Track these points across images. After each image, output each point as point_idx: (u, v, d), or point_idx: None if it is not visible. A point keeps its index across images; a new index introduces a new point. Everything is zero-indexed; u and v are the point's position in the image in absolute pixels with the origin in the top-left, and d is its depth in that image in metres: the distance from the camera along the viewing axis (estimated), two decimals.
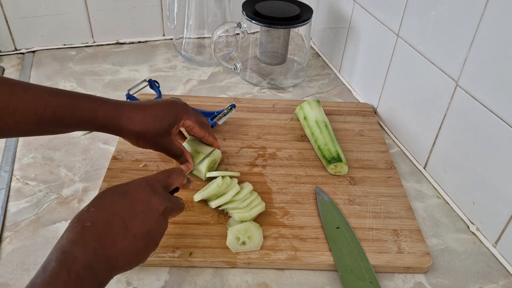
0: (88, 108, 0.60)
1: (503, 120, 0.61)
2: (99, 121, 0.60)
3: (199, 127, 0.69)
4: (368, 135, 0.85)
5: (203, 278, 0.60)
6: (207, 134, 0.71)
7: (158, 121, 0.64)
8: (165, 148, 0.67)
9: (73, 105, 0.59)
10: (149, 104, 0.66)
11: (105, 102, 0.62)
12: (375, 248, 0.63)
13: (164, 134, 0.65)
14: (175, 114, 0.66)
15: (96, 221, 0.47)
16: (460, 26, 0.67)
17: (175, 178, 0.57)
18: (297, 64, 1.06)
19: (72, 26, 1.08)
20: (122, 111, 0.62)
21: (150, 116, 0.64)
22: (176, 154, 0.68)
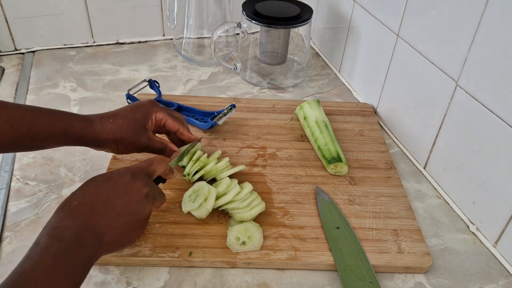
0: (63, 121, 0.62)
1: (503, 120, 0.61)
2: (75, 133, 0.62)
3: (172, 119, 0.70)
4: (368, 135, 0.85)
5: (203, 278, 0.60)
6: (181, 127, 0.71)
7: (130, 121, 0.66)
8: (146, 146, 0.67)
9: (49, 119, 0.61)
10: (118, 111, 0.68)
11: (79, 116, 0.64)
12: (375, 248, 0.63)
13: (140, 131, 0.66)
14: (144, 111, 0.68)
15: (82, 200, 0.51)
16: (460, 26, 0.67)
17: (157, 165, 0.59)
18: (297, 64, 1.06)
19: (72, 26, 1.08)
20: (95, 123, 0.64)
21: (121, 120, 0.65)
22: (160, 148, 0.68)
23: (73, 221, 0.48)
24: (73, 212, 0.49)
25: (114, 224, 0.51)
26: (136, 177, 0.55)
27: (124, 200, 0.52)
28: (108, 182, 0.54)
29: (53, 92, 0.94)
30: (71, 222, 0.48)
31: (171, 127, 0.70)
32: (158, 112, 0.69)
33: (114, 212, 0.51)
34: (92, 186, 0.53)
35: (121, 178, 0.54)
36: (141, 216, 0.54)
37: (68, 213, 0.49)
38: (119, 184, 0.53)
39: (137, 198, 0.54)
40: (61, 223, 0.48)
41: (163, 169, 0.60)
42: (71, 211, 0.49)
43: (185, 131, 0.72)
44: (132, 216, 0.53)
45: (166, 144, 0.69)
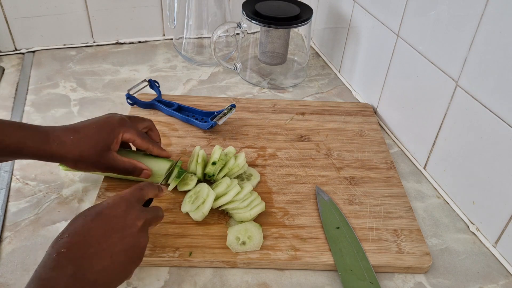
0: (16, 137, 0.59)
1: (503, 120, 0.61)
2: (29, 149, 0.59)
3: (140, 138, 0.66)
4: (368, 135, 0.85)
5: (203, 278, 0.60)
6: (151, 145, 0.68)
7: (93, 141, 0.62)
8: (110, 167, 0.64)
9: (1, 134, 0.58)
10: (82, 125, 0.63)
11: (35, 130, 0.60)
12: (375, 248, 0.63)
13: (103, 152, 0.62)
14: (110, 130, 0.63)
15: (70, 246, 0.46)
16: (460, 26, 0.67)
17: (148, 190, 0.56)
18: (297, 64, 1.06)
19: (72, 26, 1.08)
20: (52, 137, 0.60)
21: (83, 137, 0.61)
22: (127, 169, 0.65)
23: (62, 271, 0.44)
24: (62, 260, 0.45)
25: (108, 267, 0.47)
26: (129, 208, 0.51)
27: (118, 237, 0.48)
28: (99, 218, 0.49)
29: (53, 92, 0.94)
30: (60, 273, 0.44)
31: (140, 145, 0.67)
32: (126, 133, 0.64)
33: (107, 253, 0.47)
34: (81, 225, 0.48)
35: (113, 211, 0.50)
36: (137, 250, 0.50)
37: (57, 263, 0.45)
38: (111, 219, 0.49)
39: (132, 233, 0.50)
40: (50, 274, 0.44)
41: (155, 192, 0.57)
42: (60, 259, 0.45)
43: (155, 148, 0.68)
44: (128, 253, 0.49)
45: (135, 165, 0.65)
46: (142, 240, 0.51)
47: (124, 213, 0.50)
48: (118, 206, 0.51)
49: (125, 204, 0.51)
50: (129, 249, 0.49)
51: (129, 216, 0.50)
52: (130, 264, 0.50)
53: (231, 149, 0.73)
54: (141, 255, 0.51)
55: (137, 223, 0.50)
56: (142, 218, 0.51)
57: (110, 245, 0.48)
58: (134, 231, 0.50)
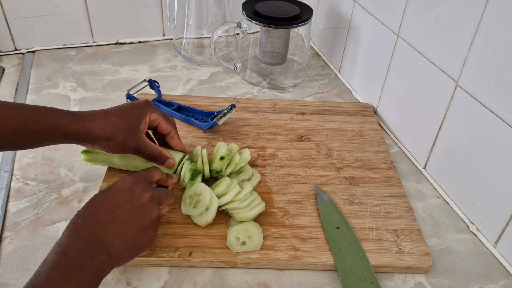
0: (51, 117, 0.61)
1: (503, 120, 0.61)
2: (64, 129, 0.61)
3: (166, 121, 0.69)
4: (368, 135, 0.85)
5: (203, 278, 0.60)
6: (174, 130, 0.70)
7: (123, 120, 0.64)
8: (138, 148, 0.65)
9: (36, 115, 0.60)
10: (111, 109, 0.66)
11: (69, 112, 0.63)
12: (375, 248, 0.63)
13: (133, 131, 0.65)
14: (138, 110, 0.67)
15: (85, 217, 0.51)
16: (460, 26, 0.67)
17: (154, 172, 0.60)
18: (297, 64, 1.06)
19: (72, 26, 1.08)
20: (86, 117, 0.63)
21: (114, 116, 0.64)
22: (153, 154, 0.67)
23: (78, 237, 0.49)
24: (78, 228, 0.50)
25: (121, 232, 0.51)
26: (136, 184, 0.55)
27: (127, 207, 0.53)
28: (109, 193, 0.54)
29: (53, 92, 0.94)
30: (76, 238, 0.48)
31: (164, 129, 0.69)
32: (153, 113, 0.67)
33: (119, 221, 0.51)
34: (94, 201, 0.53)
35: (121, 186, 0.55)
36: (148, 220, 0.54)
37: (74, 230, 0.49)
38: (120, 192, 0.54)
39: (141, 203, 0.54)
40: (67, 240, 0.48)
41: (160, 176, 0.61)
42: (76, 228, 0.50)
43: (175, 135, 0.71)
44: (138, 222, 0.53)
45: (161, 151, 0.67)
46: (152, 211, 0.55)
47: (131, 187, 0.55)
48: (126, 181, 0.56)
49: (132, 180, 0.56)
50: (139, 218, 0.53)
51: (136, 189, 0.55)
52: (143, 234, 0.53)
53: (234, 146, 0.73)
54: (154, 226, 0.55)
55: (145, 195, 0.55)
56: (150, 191, 0.56)
57: (121, 213, 0.52)
58: (143, 202, 0.54)
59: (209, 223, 0.64)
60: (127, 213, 0.52)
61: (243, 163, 0.72)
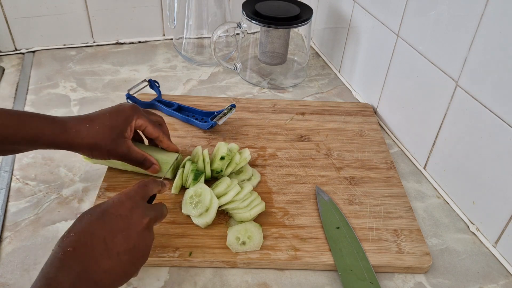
0: (34, 126, 0.59)
1: (503, 120, 0.61)
2: (47, 138, 0.60)
3: (152, 126, 0.68)
4: (368, 135, 0.85)
5: (203, 278, 0.60)
6: (161, 134, 0.69)
7: (107, 128, 0.63)
8: (123, 155, 0.64)
9: (18, 124, 0.59)
10: (96, 114, 0.64)
11: (52, 120, 0.61)
12: (375, 248, 0.63)
13: (118, 140, 0.63)
14: (124, 117, 0.65)
15: (77, 246, 0.46)
16: (460, 26, 0.67)
17: (152, 186, 0.57)
18: (297, 64, 1.06)
19: (72, 26, 1.08)
20: (69, 126, 0.61)
21: (98, 125, 0.62)
22: (138, 160, 0.66)
23: (68, 272, 0.44)
24: (68, 260, 0.45)
25: (114, 266, 0.47)
26: (134, 207, 0.51)
27: (123, 236, 0.49)
28: (105, 217, 0.49)
29: (53, 92, 0.94)
30: (66, 272, 0.44)
31: (151, 133, 0.68)
32: (139, 119, 0.66)
33: (112, 253, 0.47)
34: (87, 224, 0.48)
35: (118, 210, 0.50)
36: (142, 249, 0.51)
37: (63, 262, 0.45)
38: (117, 218, 0.49)
39: (137, 231, 0.50)
40: (56, 273, 0.44)
41: (158, 188, 0.58)
42: (66, 259, 0.45)
43: (165, 138, 0.70)
44: (133, 252, 0.49)
45: (146, 157, 0.66)
46: (147, 239, 0.51)
47: (129, 212, 0.51)
48: (123, 204, 0.51)
49: (130, 203, 0.51)
50: (134, 248, 0.49)
51: (134, 215, 0.51)
52: (135, 263, 0.50)
53: (234, 145, 0.73)
54: (147, 254, 0.52)
55: (143, 221, 0.51)
56: (148, 216, 0.52)
57: (116, 244, 0.48)
58: (140, 230, 0.50)
59: (208, 224, 0.64)
60: (123, 244, 0.48)
61: (243, 163, 0.72)
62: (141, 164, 0.67)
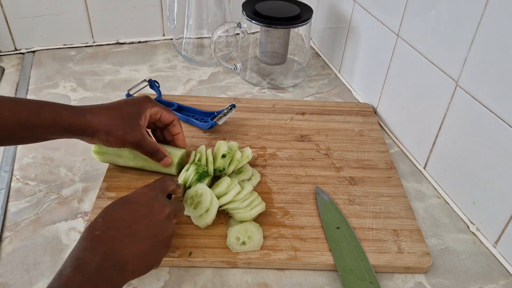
0: (52, 110, 0.62)
1: (503, 120, 0.61)
2: (64, 122, 0.62)
3: (166, 111, 0.70)
4: (368, 135, 0.85)
5: (203, 278, 0.60)
6: (176, 118, 0.71)
7: (123, 114, 0.65)
8: (138, 143, 0.66)
9: (37, 109, 0.61)
10: (112, 103, 0.67)
11: (69, 106, 0.64)
12: (375, 248, 0.63)
13: (133, 125, 0.65)
14: (139, 105, 0.67)
15: (104, 229, 0.49)
16: (460, 26, 0.67)
17: (170, 183, 0.60)
18: (297, 64, 1.06)
19: (72, 26, 1.08)
20: (86, 111, 0.64)
21: (114, 111, 0.65)
22: (151, 150, 0.67)
23: (95, 252, 0.47)
24: (95, 242, 0.48)
25: (138, 249, 0.50)
26: (155, 198, 0.54)
27: (146, 223, 0.51)
28: (128, 205, 0.53)
29: (53, 92, 0.94)
30: (93, 253, 0.47)
31: (167, 118, 0.70)
32: (154, 107, 0.68)
33: (137, 237, 0.50)
34: (112, 212, 0.52)
35: (141, 200, 0.54)
36: (164, 237, 0.53)
37: (91, 244, 0.48)
38: (140, 206, 0.53)
39: (159, 219, 0.53)
40: (84, 254, 0.47)
41: (174, 186, 0.61)
42: (93, 241, 0.48)
43: (178, 123, 0.72)
44: (155, 238, 0.52)
45: (159, 148, 0.68)
46: (168, 228, 0.54)
47: (151, 202, 0.54)
48: (146, 195, 0.54)
49: (152, 194, 0.55)
50: (157, 235, 0.52)
51: (156, 204, 0.54)
52: (158, 251, 0.52)
53: (233, 143, 0.73)
54: (168, 244, 0.54)
55: (164, 211, 0.54)
56: (168, 207, 0.55)
57: (140, 230, 0.51)
58: (161, 218, 0.53)
59: (208, 225, 0.64)
60: (146, 229, 0.51)
61: (245, 161, 0.72)
62: (154, 154, 0.68)
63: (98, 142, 0.66)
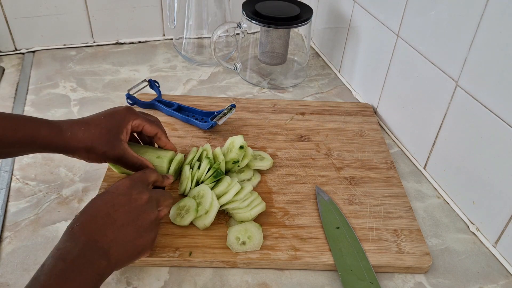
0: (30, 127, 0.60)
1: (503, 120, 0.61)
2: (43, 140, 0.60)
3: (149, 124, 0.68)
4: (368, 135, 0.85)
5: (203, 278, 0.60)
6: (159, 131, 0.69)
7: (103, 130, 0.63)
8: (119, 158, 0.64)
9: (14, 125, 0.59)
10: (91, 117, 0.65)
11: (47, 122, 0.62)
12: (375, 248, 0.63)
13: (114, 142, 0.63)
14: (119, 119, 0.65)
15: (83, 221, 0.51)
16: (460, 26, 0.67)
17: (150, 173, 0.60)
18: (297, 64, 1.06)
19: (72, 26, 1.08)
20: (65, 128, 0.61)
21: (93, 128, 0.63)
22: (134, 164, 0.65)
23: (76, 241, 0.48)
24: (76, 233, 0.49)
25: (119, 235, 0.51)
26: (132, 186, 0.55)
27: (124, 210, 0.52)
28: (106, 196, 0.53)
29: (53, 92, 0.94)
30: (74, 242, 0.48)
31: (149, 132, 0.68)
32: (135, 120, 0.66)
33: (116, 224, 0.51)
34: (91, 205, 0.53)
35: (118, 189, 0.54)
36: (146, 222, 0.53)
37: (71, 235, 0.49)
38: (117, 196, 0.53)
39: (138, 205, 0.53)
40: (65, 244, 0.48)
41: (156, 177, 0.60)
42: (73, 232, 0.49)
43: (163, 136, 0.70)
44: (136, 224, 0.52)
45: (142, 161, 0.66)
46: (149, 212, 0.54)
47: (128, 190, 0.54)
48: (122, 184, 0.55)
49: (128, 183, 0.55)
50: (137, 220, 0.53)
51: (133, 192, 0.54)
52: (141, 236, 0.53)
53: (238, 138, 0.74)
54: (152, 228, 0.55)
55: (142, 197, 0.54)
56: (147, 193, 0.55)
57: (119, 216, 0.52)
58: (140, 204, 0.54)
59: (206, 227, 0.64)
60: (125, 216, 0.52)
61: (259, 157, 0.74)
62: (137, 169, 0.66)
63: (79, 158, 0.65)
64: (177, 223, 0.64)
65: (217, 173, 0.68)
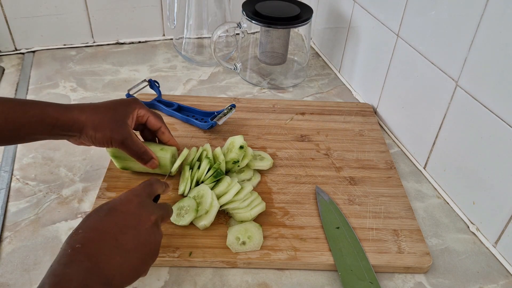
0: (39, 107, 0.61)
1: (503, 120, 0.61)
2: (51, 118, 0.61)
3: (154, 116, 0.69)
4: (368, 135, 0.85)
5: (203, 278, 0.60)
6: (163, 125, 0.70)
7: (110, 112, 0.65)
8: (124, 141, 0.64)
9: (24, 107, 0.61)
10: (100, 102, 0.67)
11: (56, 103, 0.64)
12: (375, 248, 0.63)
13: (121, 124, 0.64)
14: (126, 105, 0.67)
15: (86, 242, 0.46)
16: (460, 26, 0.67)
17: (157, 185, 0.57)
18: (297, 64, 1.06)
19: (72, 26, 1.08)
20: (73, 108, 0.63)
21: (102, 109, 0.65)
22: (137, 151, 0.65)
23: (78, 267, 0.43)
24: (77, 256, 0.44)
25: (124, 262, 0.46)
26: (141, 204, 0.52)
27: (132, 233, 0.48)
28: (113, 214, 0.49)
29: (53, 92, 0.94)
30: (76, 268, 0.43)
31: (153, 124, 0.69)
32: (140, 109, 0.68)
33: (123, 249, 0.47)
34: (95, 221, 0.48)
35: (127, 208, 0.50)
36: (152, 247, 0.50)
37: (72, 258, 0.44)
38: (126, 216, 0.50)
39: (146, 228, 0.50)
40: (64, 270, 0.43)
41: (162, 189, 0.59)
42: (75, 255, 0.44)
43: (166, 130, 0.71)
44: (143, 249, 0.49)
45: (146, 149, 0.66)
46: (156, 236, 0.51)
47: (137, 210, 0.51)
48: (131, 202, 0.51)
49: (137, 200, 0.52)
50: (144, 245, 0.49)
51: (143, 212, 0.51)
52: (146, 260, 0.50)
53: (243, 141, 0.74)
54: (156, 251, 0.52)
55: (151, 218, 0.51)
56: (155, 214, 0.52)
57: (126, 241, 0.48)
58: (148, 227, 0.50)
59: (206, 227, 0.64)
60: (132, 241, 0.48)
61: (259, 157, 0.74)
62: (140, 155, 0.66)
63: (85, 139, 0.64)
64: (177, 223, 0.64)
65: (217, 173, 0.68)
